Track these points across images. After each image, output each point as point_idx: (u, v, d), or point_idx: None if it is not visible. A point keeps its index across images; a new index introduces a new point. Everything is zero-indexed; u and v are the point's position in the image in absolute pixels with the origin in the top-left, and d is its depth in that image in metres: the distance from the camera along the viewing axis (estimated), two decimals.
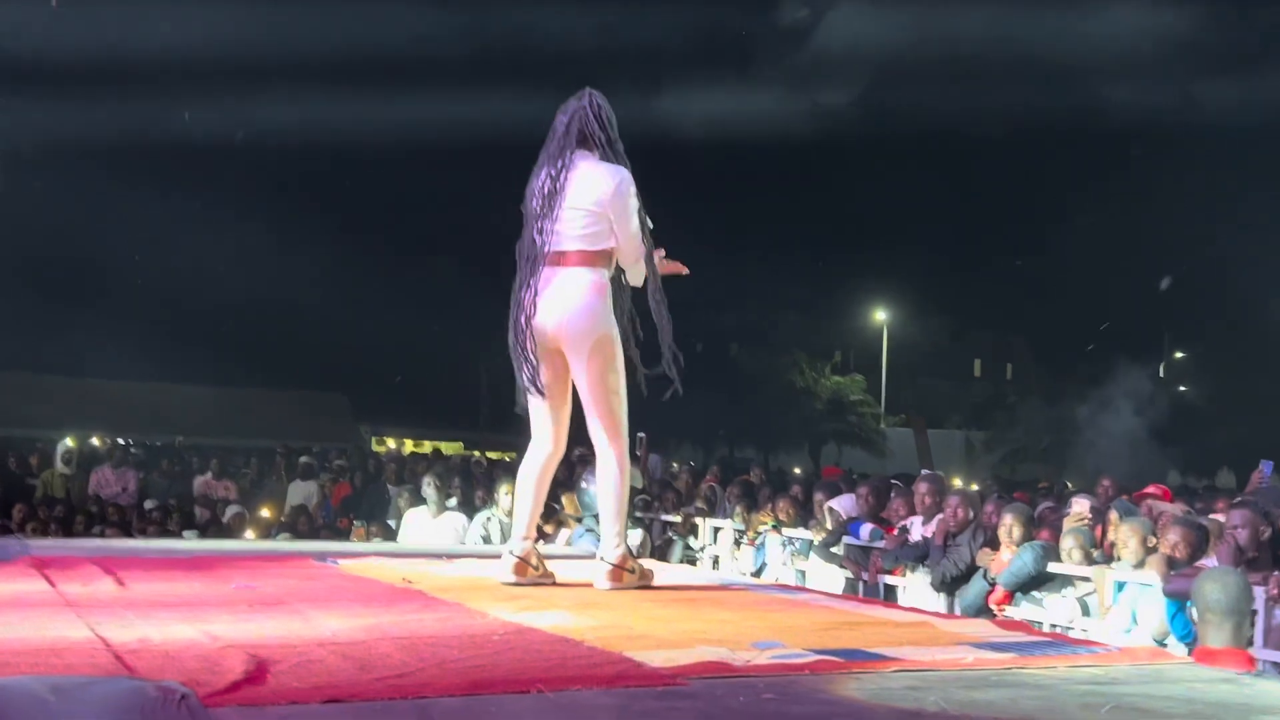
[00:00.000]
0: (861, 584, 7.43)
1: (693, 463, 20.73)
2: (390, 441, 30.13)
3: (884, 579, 7.31)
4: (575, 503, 8.58)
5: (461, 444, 29.21)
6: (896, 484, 8.46)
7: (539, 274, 4.20)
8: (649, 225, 4.34)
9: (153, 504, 11.83)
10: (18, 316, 28.80)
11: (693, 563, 8.65)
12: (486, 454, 20.27)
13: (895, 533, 7.48)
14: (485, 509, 8.97)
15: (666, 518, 9.73)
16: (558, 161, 4.24)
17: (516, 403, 4.44)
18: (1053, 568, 6.37)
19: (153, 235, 29.81)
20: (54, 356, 29.70)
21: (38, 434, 19.59)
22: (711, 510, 9.82)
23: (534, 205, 4.25)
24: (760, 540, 8.43)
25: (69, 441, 14.12)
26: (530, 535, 4.33)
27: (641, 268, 4.37)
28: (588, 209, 4.20)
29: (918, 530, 7.31)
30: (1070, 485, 13.81)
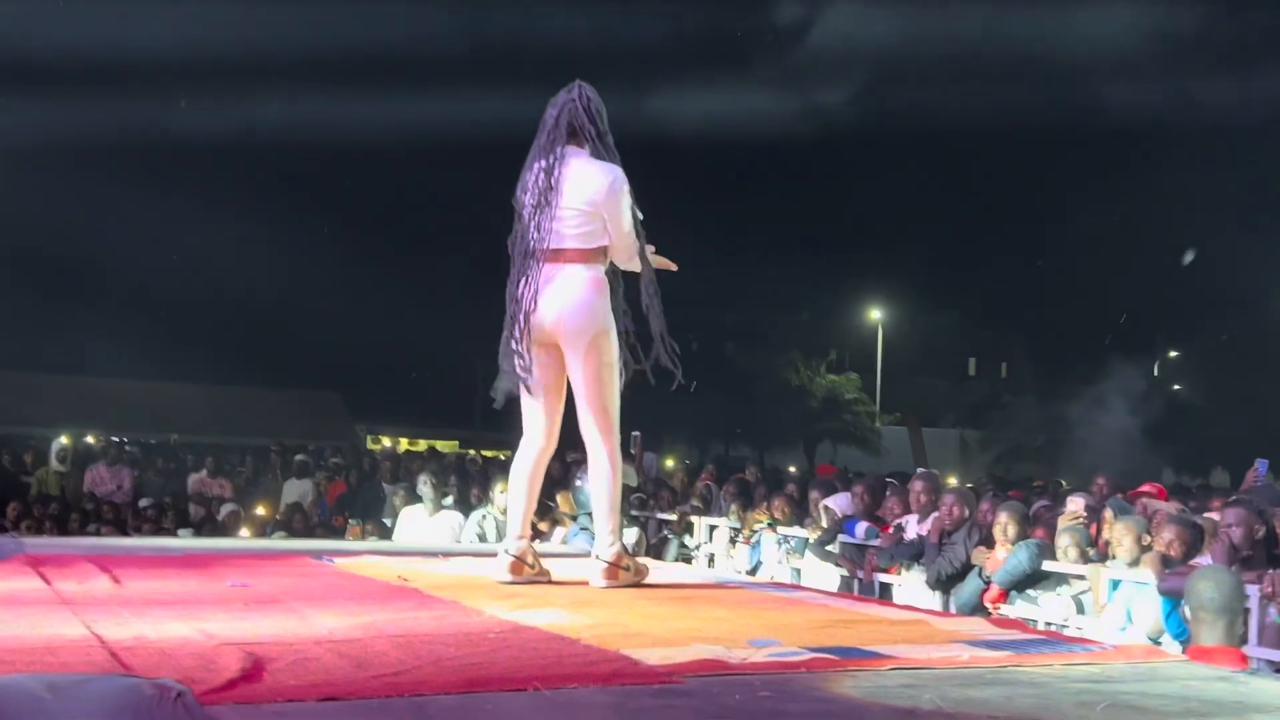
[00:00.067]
0: (857, 582, 7.44)
1: (688, 461, 20.73)
2: (385, 439, 30.13)
3: (879, 577, 7.31)
4: (570, 501, 8.59)
5: (457, 442, 29.20)
6: (892, 482, 8.47)
7: (536, 270, 4.20)
8: (639, 217, 4.34)
9: (147, 502, 11.81)
10: (13, 315, 28.79)
11: (688, 561, 8.65)
12: (482, 452, 20.26)
13: (890, 531, 7.48)
14: (481, 507, 8.99)
15: (662, 516, 9.73)
16: (548, 156, 4.23)
17: (494, 397, 4.42)
18: (1048, 566, 6.38)
19: (148, 234, 29.82)
20: (49, 355, 29.70)
21: (32, 432, 19.55)
22: (707, 508, 9.82)
23: (527, 201, 4.24)
24: (756, 538, 8.44)
25: (64, 439, 14.10)
26: (525, 534, 4.33)
27: (636, 264, 4.37)
28: (581, 208, 4.19)
29: (913, 528, 7.31)
30: (1065, 484, 13.81)
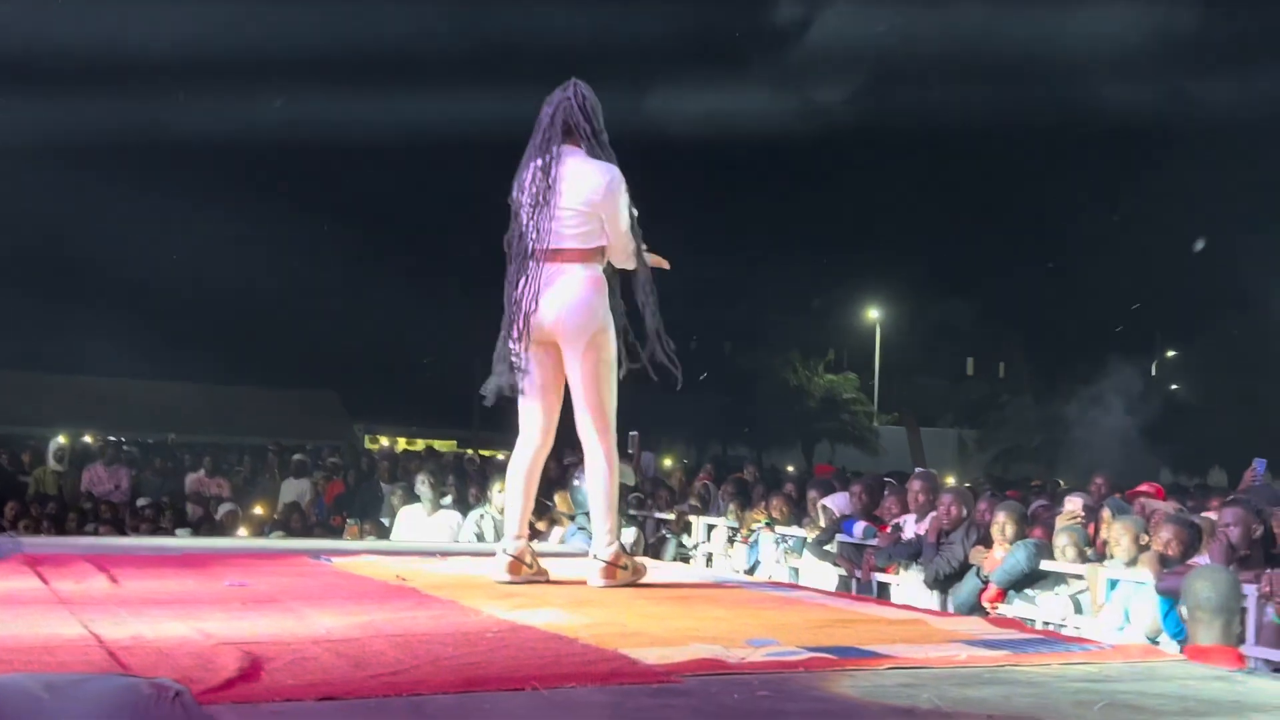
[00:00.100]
0: (855, 581, 7.44)
1: (686, 460, 20.73)
2: (383, 439, 30.12)
3: (877, 576, 7.31)
4: (568, 500, 8.59)
5: (455, 442, 29.18)
6: (890, 482, 8.46)
7: (536, 269, 4.19)
8: (634, 213, 4.33)
9: (145, 501, 11.80)
10: (10, 314, 28.76)
11: (686, 560, 8.64)
12: (480, 451, 20.24)
13: (888, 530, 7.48)
14: (479, 506, 8.99)
15: (660, 515, 9.73)
16: (545, 156, 4.22)
17: (484, 394, 4.41)
18: (1046, 565, 6.38)
19: (146, 233, 29.80)
20: (46, 354, 29.69)
21: (30, 431, 19.55)
22: (705, 508, 9.82)
23: (524, 200, 4.23)
24: (754, 538, 8.43)
25: (61, 439, 14.08)
26: (523, 534, 4.33)
27: (632, 263, 4.37)
28: (578, 209, 4.19)
29: (911, 528, 7.31)
30: (1063, 483, 13.81)
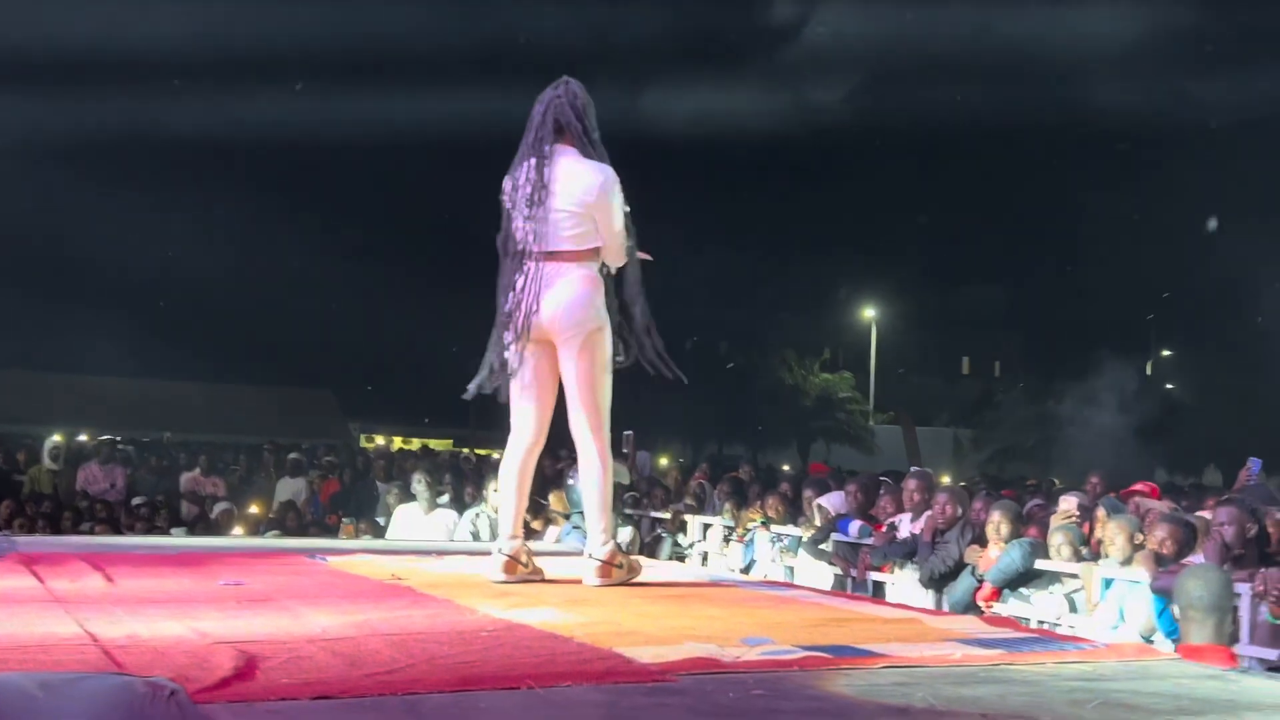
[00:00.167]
0: (850, 580, 7.44)
1: (682, 459, 20.74)
2: (379, 438, 30.09)
3: (872, 575, 7.32)
4: (563, 500, 8.59)
5: (451, 441, 29.17)
6: (885, 481, 8.47)
7: (535, 269, 4.18)
8: (627, 211, 4.33)
9: (140, 500, 11.77)
10: (5, 313, 28.71)
11: (682, 559, 8.65)
12: (476, 450, 20.24)
13: (884, 530, 7.49)
14: (475, 505, 8.98)
15: (655, 514, 9.74)
16: (537, 155, 4.20)
17: (468, 389, 4.41)
18: (1040, 564, 6.39)
19: (141, 232, 29.76)
20: (42, 353, 29.65)
21: (25, 430, 19.52)
22: (701, 507, 9.82)
23: (519, 200, 4.22)
24: (749, 537, 8.44)
25: (56, 438, 14.06)
26: (518, 533, 4.33)
27: (624, 261, 4.37)
28: (573, 210, 4.18)
29: (906, 527, 7.31)
30: (1058, 482, 13.84)
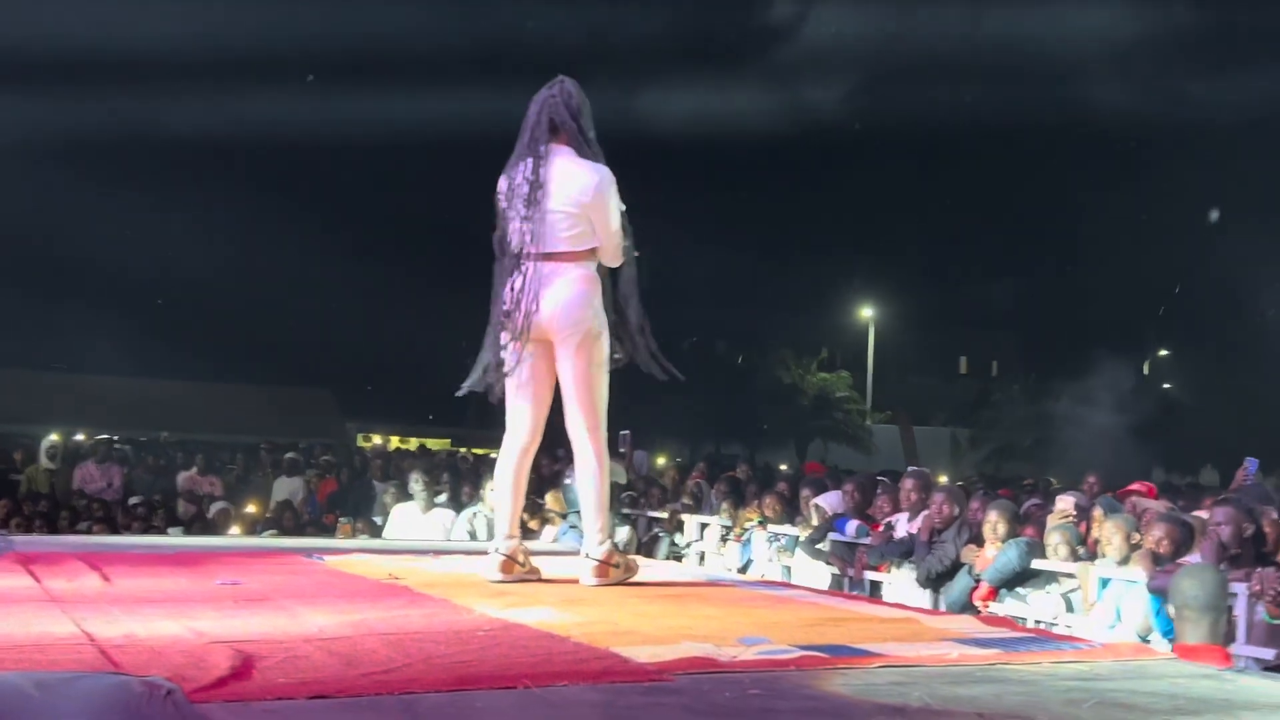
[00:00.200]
0: (847, 580, 7.45)
1: (679, 459, 20.73)
2: (376, 437, 30.06)
3: (869, 575, 7.32)
4: (560, 499, 8.60)
5: (449, 440, 29.14)
6: (882, 480, 8.48)
7: (533, 269, 4.17)
8: (623, 209, 4.33)
9: (137, 500, 11.77)
10: (2, 313, 28.67)
11: (679, 559, 8.65)
12: (473, 450, 20.23)
13: (881, 529, 7.49)
14: (472, 505, 8.98)
15: (653, 514, 9.74)
16: (533, 155, 4.20)
17: (461, 386, 4.40)
18: (1037, 564, 6.39)
19: (137, 231, 29.73)
20: (39, 352, 29.61)
21: (22, 429, 19.47)
22: (698, 506, 9.83)
23: (515, 200, 4.21)
24: (746, 536, 8.44)
25: (53, 437, 14.07)
26: (515, 533, 4.33)
27: (620, 260, 4.37)
28: (569, 211, 4.17)
29: (903, 526, 7.31)
30: (1055, 482, 13.85)
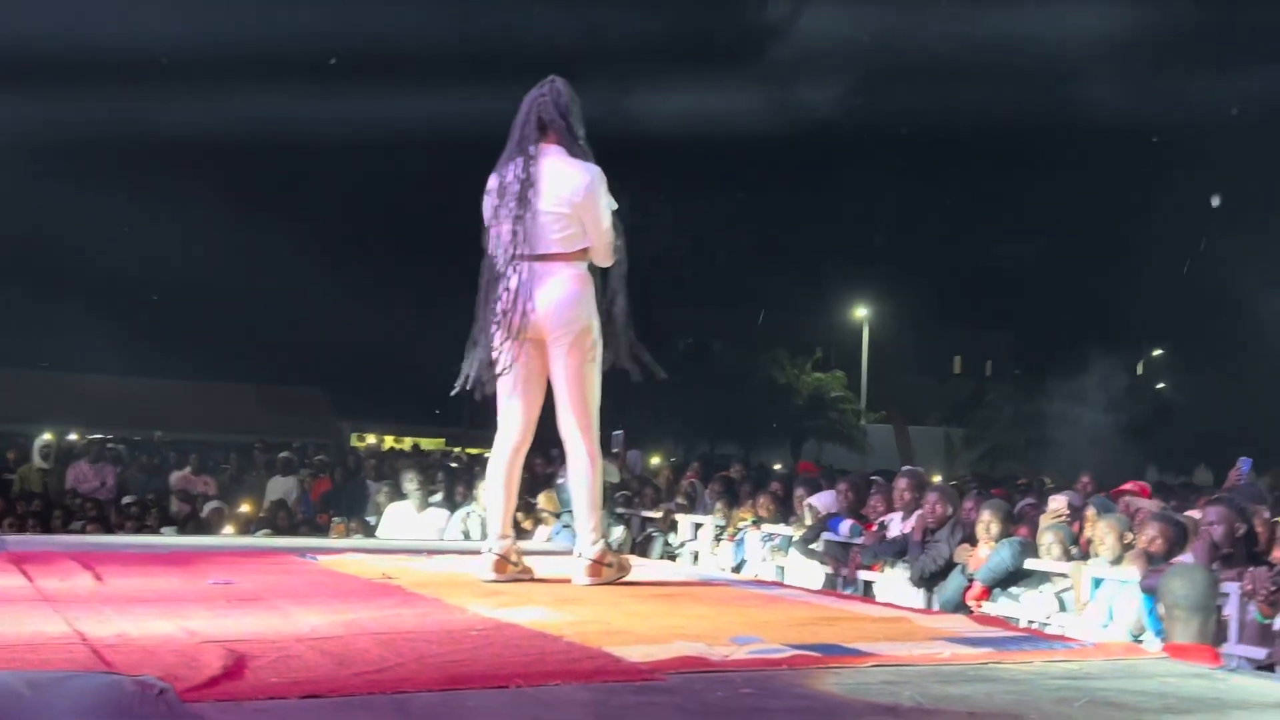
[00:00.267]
0: (840, 579, 7.45)
1: (673, 458, 20.74)
2: (370, 437, 30.06)
3: (863, 575, 7.32)
4: (553, 499, 8.59)
5: (443, 440, 29.14)
6: (876, 480, 8.49)
7: (526, 270, 4.17)
8: (613, 206, 4.33)
9: (131, 499, 11.75)
10: None
11: (672, 558, 8.65)
12: (468, 450, 20.24)
13: (874, 529, 7.49)
14: (465, 504, 8.97)
15: (646, 513, 9.74)
16: (523, 155, 4.20)
17: (454, 386, 4.40)
18: (1030, 564, 6.40)
19: (132, 230, 29.70)
20: (32, 351, 29.56)
21: (15, 429, 19.46)
22: (692, 506, 9.83)
23: (506, 200, 4.20)
24: (740, 536, 8.44)
25: (47, 436, 14.03)
26: (508, 532, 4.33)
27: (611, 260, 4.37)
28: (560, 212, 4.16)
29: (896, 526, 7.32)
30: (1049, 482, 13.87)
